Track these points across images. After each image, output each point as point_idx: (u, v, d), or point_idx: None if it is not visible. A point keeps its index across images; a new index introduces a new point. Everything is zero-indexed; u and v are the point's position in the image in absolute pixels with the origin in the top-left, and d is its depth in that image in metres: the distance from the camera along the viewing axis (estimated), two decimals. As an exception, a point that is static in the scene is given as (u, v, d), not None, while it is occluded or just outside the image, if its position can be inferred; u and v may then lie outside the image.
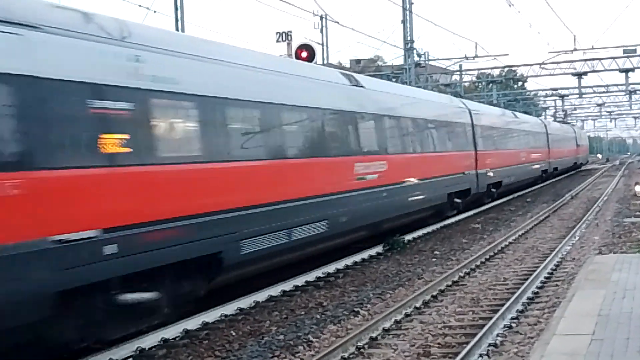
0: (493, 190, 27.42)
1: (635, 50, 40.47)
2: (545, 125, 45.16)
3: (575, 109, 77.27)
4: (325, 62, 31.70)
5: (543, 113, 76.02)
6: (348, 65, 59.97)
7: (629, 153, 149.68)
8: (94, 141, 7.98)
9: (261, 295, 11.59)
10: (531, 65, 43.90)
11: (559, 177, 47.97)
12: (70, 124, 7.76)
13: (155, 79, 9.07)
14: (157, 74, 9.15)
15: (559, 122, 62.51)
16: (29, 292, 7.01)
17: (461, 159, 23.07)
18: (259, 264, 11.63)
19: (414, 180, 18.21)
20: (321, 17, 31.60)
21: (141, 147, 8.68)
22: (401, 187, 17.26)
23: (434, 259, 15.74)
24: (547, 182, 42.60)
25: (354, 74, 18.12)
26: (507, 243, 17.67)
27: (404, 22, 33.74)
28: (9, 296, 6.77)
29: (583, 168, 66.34)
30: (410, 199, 17.99)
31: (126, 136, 8.41)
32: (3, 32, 6.95)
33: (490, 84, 56.94)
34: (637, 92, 56.96)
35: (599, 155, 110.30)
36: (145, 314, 8.87)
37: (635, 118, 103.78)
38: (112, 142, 8.20)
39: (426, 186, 19.06)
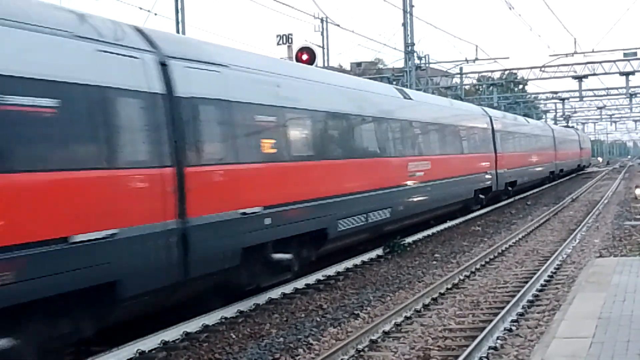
0: (509, 188, 30.14)
1: (635, 54, 40.52)
2: (553, 130, 47.97)
3: (575, 112, 77.35)
4: (326, 65, 31.71)
5: (543, 116, 76.07)
6: (348, 68, 59.97)
7: (629, 156, 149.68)
8: (258, 144, 11.47)
9: (261, 298, 11.60)
10: (532, 68, 43.98)
11: (562, 180, 48.59)
12: (246, 132, 11.23)
13: (287, 98, 12.53)
14: (288, 95, 12.57)
15: (563, 126, 64.77)
16: (232, 246, 10.41)
17: (484, 160, 26.01)
18: (347, 240, 15.05)
19: (449, 178, 21.20)
20: (322, 20, 31.60)
21: (282, 148, 12.22)
22: (440, 183, 20.24)
23: (435, 262, 15.74)
24: (552, 183, 44.00)
25: (405, 89, 21.97)
26: (507, 246, 17.67)
27: (404, 25, 33.76)
28: (224, 247, 10.21)
29: (585, 171, 66.68)
30: (447, 193, 20.93)
31: (273, 140, 11.98)
32: (210, 70, 10.45)
33: (491, 87, 57.06)
34: (638, 95, 57.02)
35: (600, 159, 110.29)
36: (283, 270, 12.18)
37: (635, 121, 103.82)
38: (267, 145, 11.75)
39: (459, 183, 22.21)
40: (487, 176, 26.08)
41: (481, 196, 25.35)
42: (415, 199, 18.20)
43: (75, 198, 7.71)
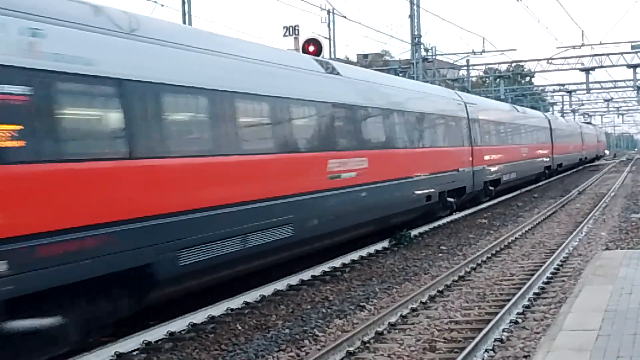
0: (559, 168, 44.60)
1: (643, 46, 40.30)
2: (580, 127, 63.27)
3: (582, 105, 77.10)
4: (332, 56, 31.66)
5: (550, 108, 75.89)
6: (355, 60, 59.83)
7: (636, 149, 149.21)
8: (489, 136, 26.49)
9: (267, 289, 11.61)
10: (539, 60, 43.90)
11: (565, 173, 50.21)
12: (486, 131, 26.08)
13: (501, 118, 29.41)
14: (500, 119, 29.03)
15: (585, 123, 79.43)
16: (482, 182, 24.44)
17: (547, 149, 40.35)
18: (507, 185, 28.59)
19: (535, 158, 36.19)
20: (328, 12, 31.57)
21: (495, 140, 27.12)
22: (533, 160, 35.18)
23: (441, 254, 15.73)
24: (580, 167, 57.40)
25: (516, 106, 39.86)
26: (514, 238, 17.65)
27: (411, 16, 33.70)
28: (479, 180, 23.78)
29: (593, 163, 68.23)
30: (535, 166, 36.14)
31: (491, 135, 26.66)
32: (472, 105, 24.99)
33: (498, 79, 56.88)
34: (645, 87, 56.65)
35: (607, 151, 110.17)
36: (486, 196, 25.79)
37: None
38: (487, 136, 26.16)
39: (538, 161, 37.12)
40: (548, 159, 40.36)
41: (547, 171, 40.08)
42: (523, 168, 32.06)
43: (457, 157, 21.21)
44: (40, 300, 7.26)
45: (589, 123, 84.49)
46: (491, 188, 25.79)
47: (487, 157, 24.90)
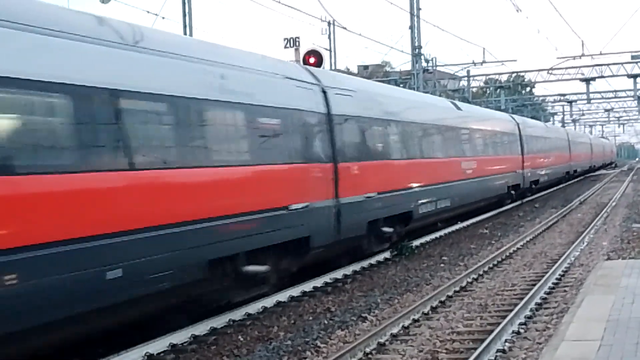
0: (594, 167, 66.97)
1: (643, 56, 40.44)
2: (602, 142, 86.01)
3: (583, 115, 77.23)
4: (333, 68, 31.71)
5: (551, 119, 76.05)
6: (355, 71, 59.94)
7: (637, 158, 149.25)
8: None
9: (269, 301, 11.60)
10: (539, 70, 44.10)
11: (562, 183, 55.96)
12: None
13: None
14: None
15: (602, 137, 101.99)
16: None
17: (589, 155, 60.65)
18: (580, 171, 55.10)
19: (586, 160, 58.75)
20: (329, 23, 31.61)
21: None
22: (582, 162, 54.68)
23: (442, 265, 15.72)
24: (600, 172, 75.48)
25: (566, 129, 62.54)
26: (515, 248, 17.63)
27: (411, 27, 33.79)
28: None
29: (595, 173, 71.45)
30: (590, 163, 62.89)
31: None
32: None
33: (498, 90, 56.96)
34: (646, 97, 56.76)
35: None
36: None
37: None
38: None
39: (589, 161, 60.95)
40: (589, 161, 60.61)
41: (590, 167, 61.52)
42: (583, 164, 54.23)
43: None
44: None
45: (606, 138, 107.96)
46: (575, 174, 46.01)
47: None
